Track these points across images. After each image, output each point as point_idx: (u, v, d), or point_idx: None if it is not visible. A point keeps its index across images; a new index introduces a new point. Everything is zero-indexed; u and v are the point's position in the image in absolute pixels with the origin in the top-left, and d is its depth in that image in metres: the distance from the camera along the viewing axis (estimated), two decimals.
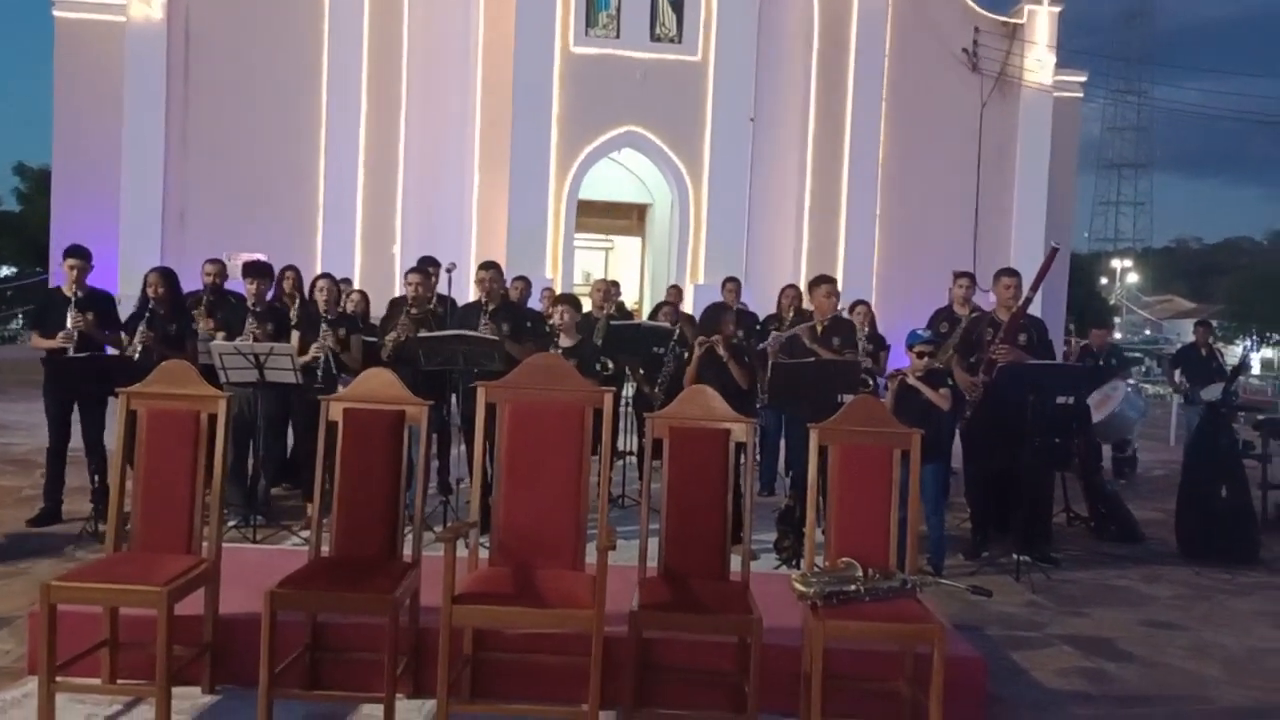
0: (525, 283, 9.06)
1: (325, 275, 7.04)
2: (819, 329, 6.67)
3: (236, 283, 7.04)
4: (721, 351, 6.19)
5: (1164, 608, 5.84)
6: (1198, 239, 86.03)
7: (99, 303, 6.52)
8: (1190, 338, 12.67)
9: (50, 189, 16.96)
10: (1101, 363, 10.30)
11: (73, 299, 6.28)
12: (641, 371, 7.66)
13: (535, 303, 9.64)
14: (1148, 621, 5.53)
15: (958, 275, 7.52)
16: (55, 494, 6.56)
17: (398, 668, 3.66)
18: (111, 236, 14.63)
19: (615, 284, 9.87)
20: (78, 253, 6.43)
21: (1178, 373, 11.23)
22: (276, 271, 7.32)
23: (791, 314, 8.15)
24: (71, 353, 6.18)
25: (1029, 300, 6.51)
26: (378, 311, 8.09)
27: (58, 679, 3.58)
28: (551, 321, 6.99)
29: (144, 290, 6.68)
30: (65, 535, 6.17)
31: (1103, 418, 8.14)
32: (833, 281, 6.83)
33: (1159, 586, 6.30)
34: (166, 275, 6.76)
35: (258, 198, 15.62)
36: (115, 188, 15.40)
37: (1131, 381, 10.48)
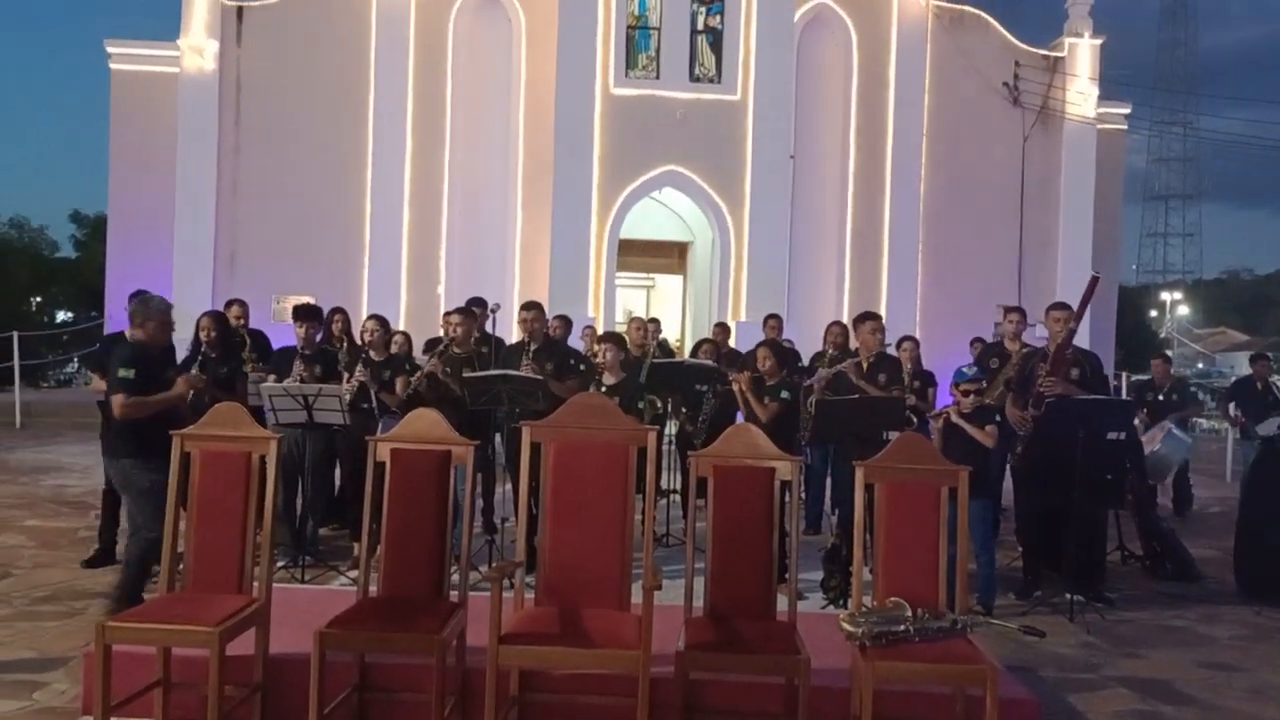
0: (564, 321, 9.12)
1: (373, 316, 7.17)
2: (865, 365, 6.65)
3: (280, 325, 7.17)
4: (742, 388, 6.53)
5: (1223, 648, 5.70)
6: (1249, 270, 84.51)
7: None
8: (1244, 370, 12.36)
9: (105, 236, 17.40)
10: (1161, 398, 9.98)
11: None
12: (684, 410, 7.67)
13: (575, 340, 9.68)
14: (1206, 663, 5.39)
15: (1007, 310, 7.46)
16: (110, 535, 6.67)
17: (445, 708, 3.66)
18: (164, 280, 14.91)
19: (655, 321, 9.88)
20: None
21: (1232, 406, 11.00)
22: (325, 314, 7.45)
23: (831, 350, 8.13)
24: None
25: (1073, 331, 6.45)
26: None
27: (112, 719, 3.62)
28: (596, 361, 7.04)
29: (196, 334, 6.82)
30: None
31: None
32: (878, 318, 6.81)
33: (1217, 626, 6.14)
34: (218, 319, 6.89)
35: (305, 240, 15.91)
36: (168, 233, 15.77)
37: (1191, 419, 9.91)
